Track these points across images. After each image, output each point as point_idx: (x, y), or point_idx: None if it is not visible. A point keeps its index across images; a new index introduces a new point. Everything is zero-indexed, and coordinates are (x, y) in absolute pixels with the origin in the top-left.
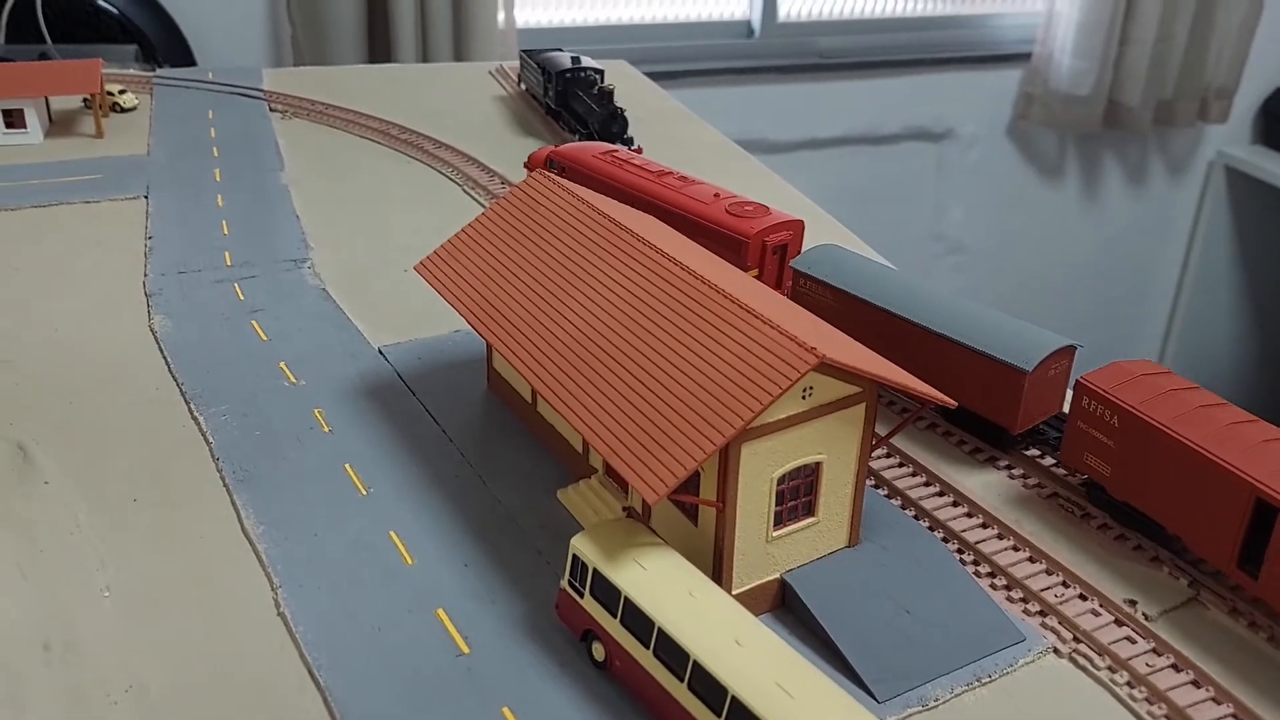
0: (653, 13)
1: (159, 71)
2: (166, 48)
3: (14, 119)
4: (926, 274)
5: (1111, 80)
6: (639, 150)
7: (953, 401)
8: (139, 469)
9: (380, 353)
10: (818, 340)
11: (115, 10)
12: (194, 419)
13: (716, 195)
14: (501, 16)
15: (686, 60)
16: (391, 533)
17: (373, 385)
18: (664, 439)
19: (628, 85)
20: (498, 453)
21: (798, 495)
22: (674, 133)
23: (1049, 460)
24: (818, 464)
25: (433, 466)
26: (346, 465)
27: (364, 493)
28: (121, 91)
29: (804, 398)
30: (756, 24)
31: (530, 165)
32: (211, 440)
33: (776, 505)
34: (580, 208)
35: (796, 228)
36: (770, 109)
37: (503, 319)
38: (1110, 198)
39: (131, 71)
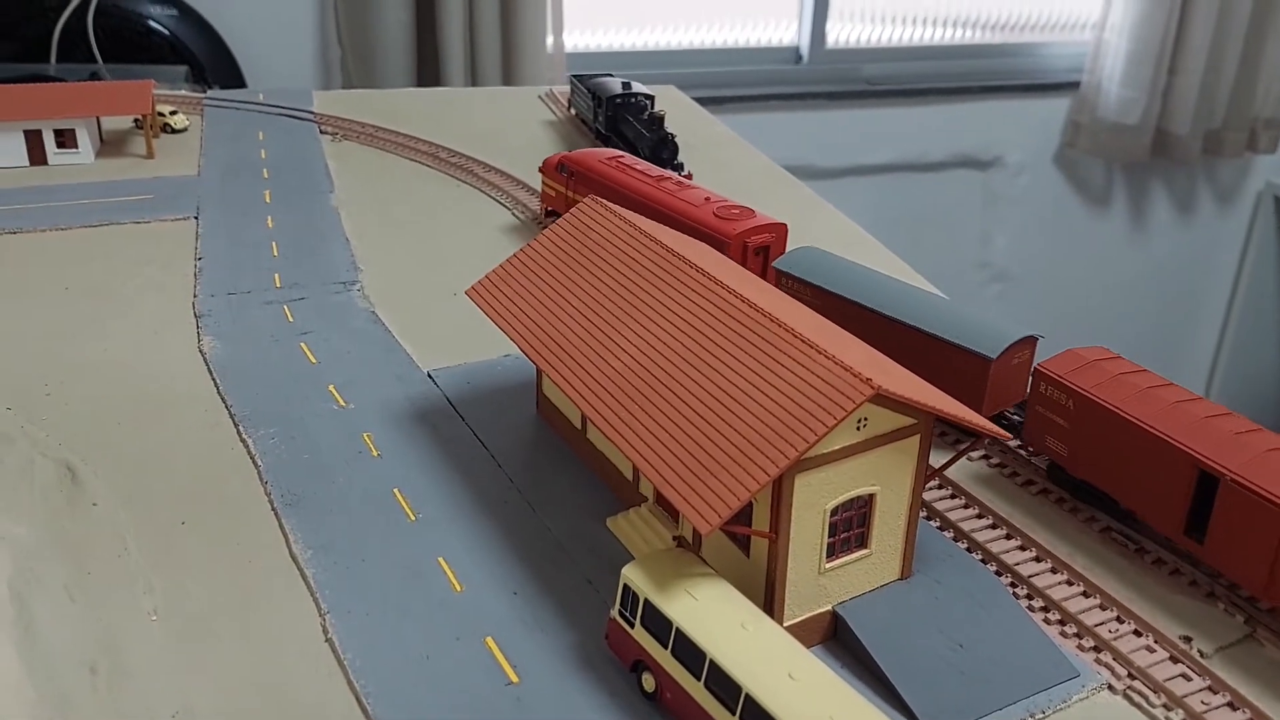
0: (701, 38)
1: (209, 93)
2: (216, 69)
3: (66, 139)
4: (971, 301)
5: (1160, 110)
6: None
7: (1008, 434)
8: (187, 491)
9: (429, 376)
10: (874, 371)
11: (166, 31)
12: (243, 441)
13: (708, 199)
14: (550, 40)
15: (735, 86)
16: (440, 559)
17: (422, 409)
18: (717, 469)
19: (677, 111)
20: (547, 479)
21: (850, 527)
22: (722, 158)
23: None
24: (871, 495)
25: (482, 492)
26: (395, 490)
27: (413, 518)
28: (173, 112)
29: (859, 429)
30: (805, 50)
31: (544, 169)
32: (260, 463)
33: (829, 537)
34: (633, 234)
35: (779, 230)
36: (817, 135)
37: (554, 345)
38: (1157, 227)
39: (182, 92)
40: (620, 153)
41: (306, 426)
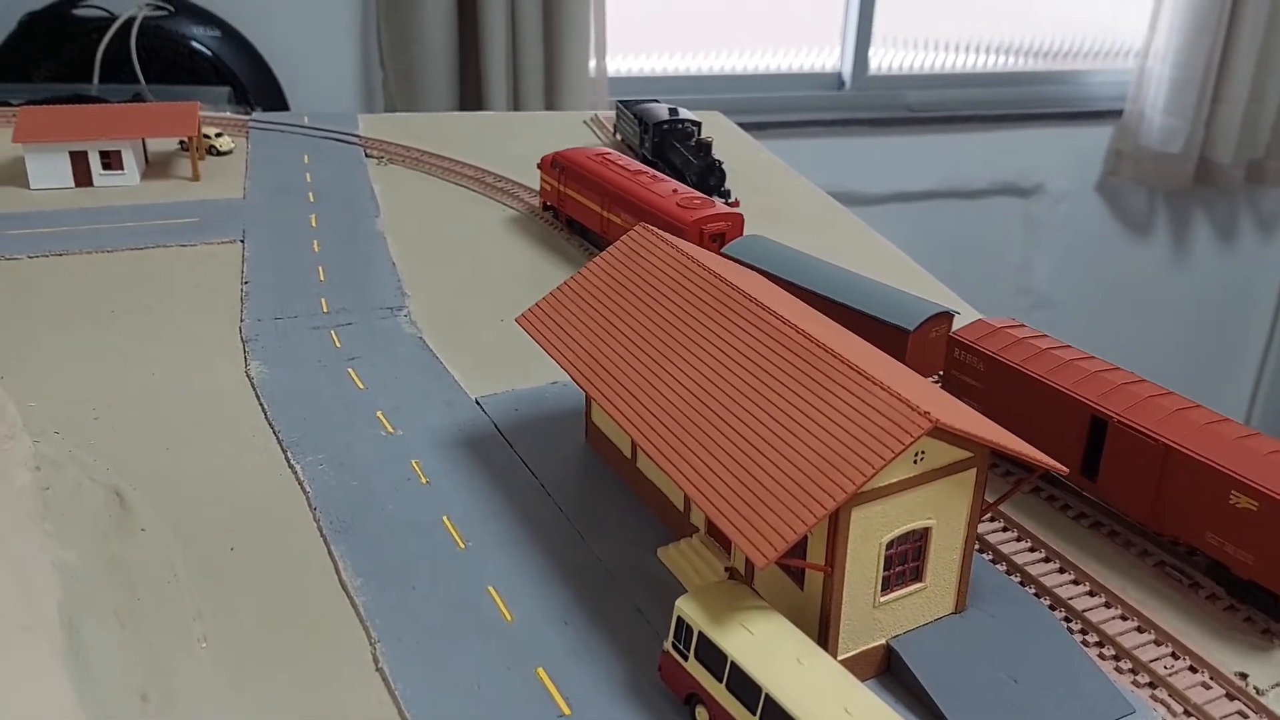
0: (743, 63)
1: (254, 115)
2: (258, 90)
3: (111, 160)
4: None
5: (1203, 138)
6: (735, 203)
7: (1064, 468)
8: (236, 517)
9: (477, 403)
10: (931, 404)
11: (208, 52)
12: (291, 467)
13: (674, 191)
14: (593, 64)
15: (776, 111)
16: (490, 588)
17: (470, 436)
18: (773, 501)
19: (722, 136)
20: (596, 508)
21: (906, 560)
22: (769, 184)
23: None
24: (927, 529)
25: (531, 520)
26: (444, 517)
27: (462, 546)
28: (218, 134)
29: (915, 462)
30: (847, 76)
31: (541, 166)
32: (309, 489)
33: (884, 570)
34: (685, 262)
35: (735, 219)
36: (859, 162)
37: (605, 373)
38: (1200, 255)
39: (227, 115)
40: (607, 150)
41: (355, 452)
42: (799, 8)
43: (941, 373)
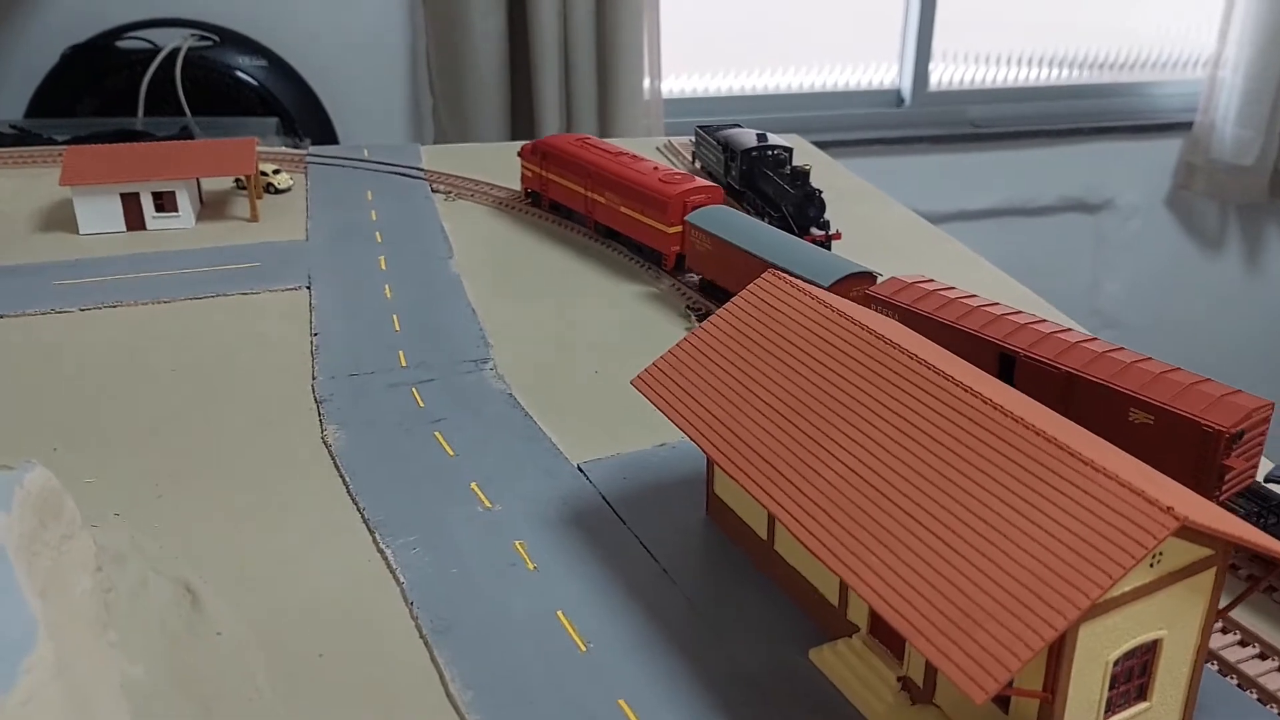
0: (800, 81)
1: (311, 149)
2: (305, 120)
3: (165, 202)
4: None
5: (1278, 149)
6: (837, 235)
7: None
8: (322, 615)
9: (580, 470)
10: (1169, 496)
11: (255, 82)
12: (380, 552)
13: (655, 169)
14: (647, 84)
15: (834, 130)
16: (621, 701)
17: (576, 510)
18: (984, 618)
19: (801, 161)
20: (729, 598)
21: (1131, 677)
22: (859, 211)
23: None
24: (1157, 641)
25: (657, 615)
26: (559, 612)
27: (583, 649)
28: (276, 171)
29: (1151, 566)
30: (907, 93)
31: (522, 154)
32: (402, 579)
33: (1108, 690)
34: (830, 315)
35: (714, 191)
36: (921, 180)
37: (744, 446)
38: (1275, 269)
39: (283, 150)
40: (587, 136)
41: (450, 533)
42: (855, 24)
43: None
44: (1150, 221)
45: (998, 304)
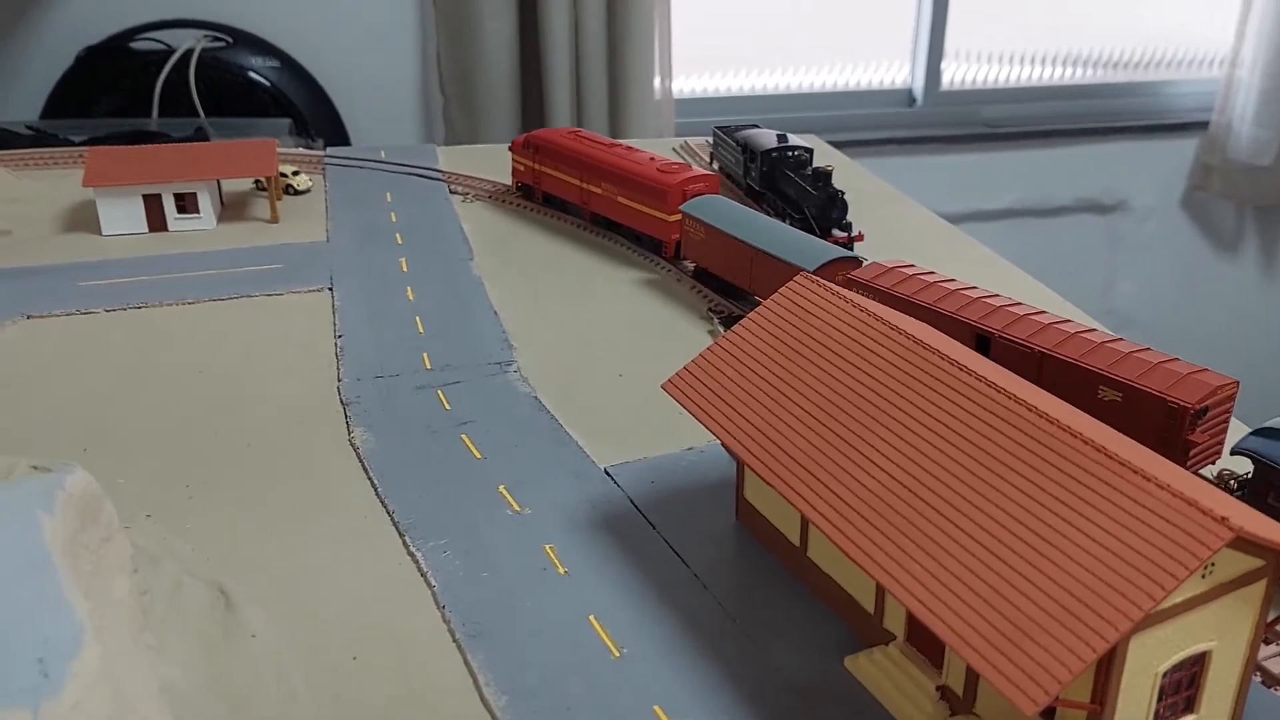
0: (810, 80)
1: (329, 151)
2: (317, 120)
3: (186, 203)
4: None
5: None
6: (859, 237)
7: None
8: (356, 618)
9: (607, 474)
10: (1221, 506)
11: (267, 83)
12: (410, 555)
13: (651, 159)
14: (658, 83)
15: (845, 130)
16: (656, 708)
17: (605, 514)
18: (1033, 629)
19: (820, 162)
20: (762, 604)
21: (1179, 690)
22: (879, 212)
23: None
24: (1206, 652)
25: (690, 621)
26: (591, 618)
27: (617, 654)
28: (295, 172)
29: (1203, 576)
30: (919, 92)
31: (513, 148)
32: (434, 582)
33: (1157, 702)
34: (867, 320)
35: (711, 180)
36: (933, 180)
37: (781, 453)
38: None
39: (301, 151)
40: (578, 129)
41: (480, 537)
42: (867, 23)
43: None
44: (1165, 222)
45: (975, 287)
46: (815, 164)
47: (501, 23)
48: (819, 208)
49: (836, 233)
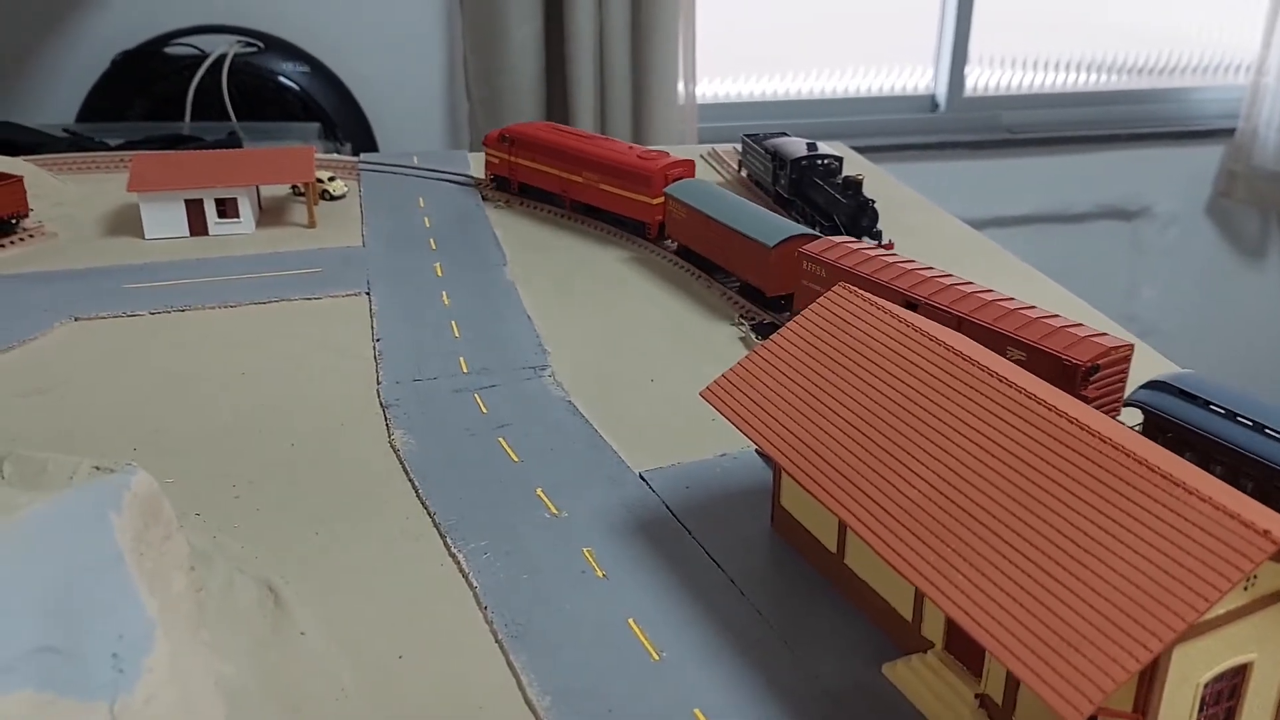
0: (833, 85)
1: (363, 156)
2: (346, 125)
3: (227, 208)
4: None
5: None
6: (889, 245)
7: None
8: (401, 617)
9: (642, 478)
10: (1262, 518)
11: (296, 87)
12: (452, 556)
13: (631, 148)
14: (682, 88)
15: (867, 135)
16: (696, 710)
17: (641, 519)
18: (1077, 639)
19: (850, 170)
20: (800, 611)
21: (1220, 701)
22: (909, 220)
23: None
24: (1247, 664)
25: (728, 626)
26: (630, 620)
27: (656, 657)
28: (331, 178)
29: (1245, 589)
30: (941, 98)
31: (486, 143)
32: (475, 583)
33: (1198, 713)
34: (907, 331)
35: (688, 167)
36: (955, 186)
37: (820, 461)
38: None
39: (335, 157)
40: (556, 124)
41: (520, 539)
42: (890, 28)
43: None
44: (1189, 229)
45: (912, 260)
46: (847, 173)
47: (527, 29)
48: (849, 216)
49: (867, 240)
